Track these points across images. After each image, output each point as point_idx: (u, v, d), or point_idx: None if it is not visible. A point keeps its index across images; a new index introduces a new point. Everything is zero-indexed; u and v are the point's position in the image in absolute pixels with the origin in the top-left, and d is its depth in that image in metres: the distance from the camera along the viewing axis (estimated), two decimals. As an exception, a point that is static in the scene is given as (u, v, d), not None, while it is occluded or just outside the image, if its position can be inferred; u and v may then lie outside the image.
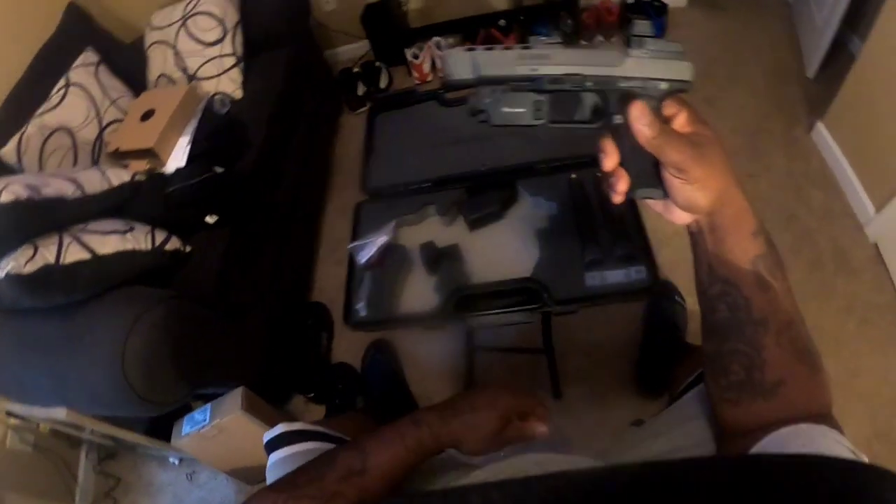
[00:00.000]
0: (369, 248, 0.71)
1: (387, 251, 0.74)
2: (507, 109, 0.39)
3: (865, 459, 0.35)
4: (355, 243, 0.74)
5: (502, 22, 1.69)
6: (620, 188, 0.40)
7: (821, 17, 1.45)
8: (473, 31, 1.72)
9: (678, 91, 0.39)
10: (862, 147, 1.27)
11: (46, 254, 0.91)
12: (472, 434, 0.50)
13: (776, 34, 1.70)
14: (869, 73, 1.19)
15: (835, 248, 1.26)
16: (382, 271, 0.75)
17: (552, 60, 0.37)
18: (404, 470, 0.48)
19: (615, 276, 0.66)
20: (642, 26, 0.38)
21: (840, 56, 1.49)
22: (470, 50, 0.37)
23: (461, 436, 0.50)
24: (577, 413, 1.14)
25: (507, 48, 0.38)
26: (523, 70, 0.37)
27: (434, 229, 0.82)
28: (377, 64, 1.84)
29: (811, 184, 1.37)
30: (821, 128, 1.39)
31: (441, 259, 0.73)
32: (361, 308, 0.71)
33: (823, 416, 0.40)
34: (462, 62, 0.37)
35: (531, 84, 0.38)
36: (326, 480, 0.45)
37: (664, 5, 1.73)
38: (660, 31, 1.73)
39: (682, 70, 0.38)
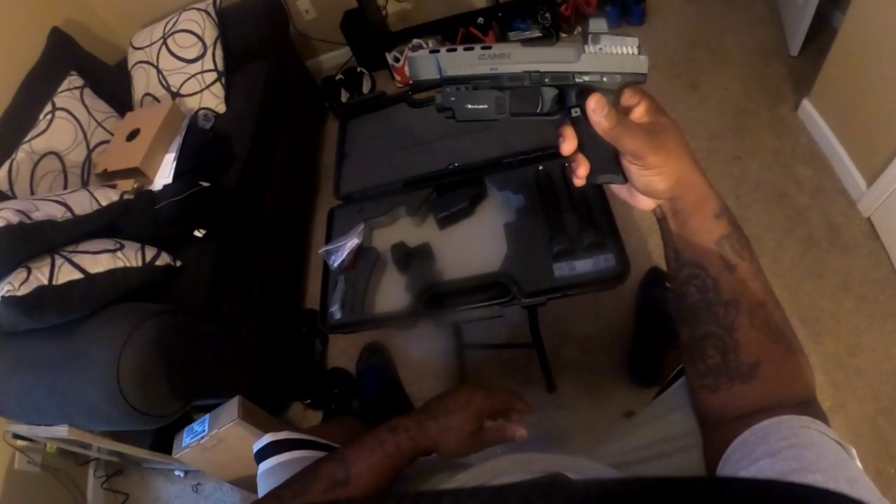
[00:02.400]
0: (341, 252, 0.72)
1: (358, 253, 0.75)
2: (470, 106, 0.41)
3: (853, 451, 0.35)
4: (327, 247, 0.75)
5: (480, 20, 1.69)
6: (580, 173, 0.42)
7: (801, -8, 1.44)
8: (452, 30, 1.72)
9: (634, 83, 0.40)
10: (849, 121, 1.25)
11: (39, 275, 0.93)
12: (449, 437, 0.50)
13: (757, 13, 1.69)
14: (851, 46, 1.17)
15: (828, 226, 1.24)
16: (355, 274, 0.75)
17: (511, 59, 0.39)
18: (387, 476, 0.48)
19: (584, 265, 0.66)
20: (597, 24, 0.39)
21: (823, 31, 1.48)
22: (434, 52, 0.39)
23: (438, 439, 0.50)
24: (572, 405, 1.13)
25: (468, 48, 0.39)
26: (484, 69, 0.39)
27: (405, 230, 0.82)
28: (359, 70, 1.86)
29: (800, 162, 1.35)
30: (807, 105, 1.37)
31: (412, 258, 0.74)
32: (336, 311, 0.72)
33: (807, 404, 0.39)
34: (427, 64, 0.39)
35: (492, 82, 0.40)
36: (311, 493, 0.45)
37: (643, -8, 1.72)
38: (639, 19, 1.72)
39: (637, 63, 0.39)
